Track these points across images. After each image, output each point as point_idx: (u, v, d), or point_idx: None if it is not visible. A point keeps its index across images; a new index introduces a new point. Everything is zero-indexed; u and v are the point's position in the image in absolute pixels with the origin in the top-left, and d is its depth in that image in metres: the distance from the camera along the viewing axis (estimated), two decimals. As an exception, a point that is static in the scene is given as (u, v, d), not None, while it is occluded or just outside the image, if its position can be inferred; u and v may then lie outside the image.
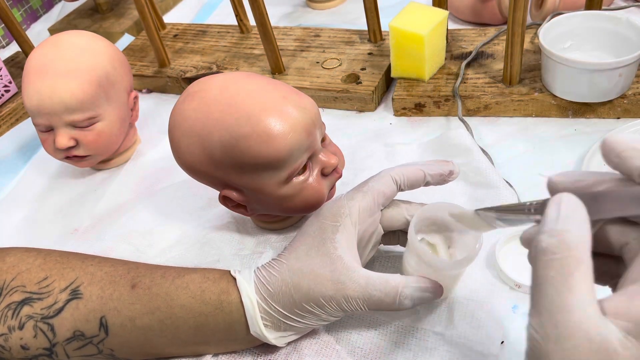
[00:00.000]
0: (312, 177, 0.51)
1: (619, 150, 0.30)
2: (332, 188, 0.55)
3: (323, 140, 0.53)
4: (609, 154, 0.30)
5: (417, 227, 0.44)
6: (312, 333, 0.48)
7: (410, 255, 0.44)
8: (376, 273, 0.43)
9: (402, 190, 0.47)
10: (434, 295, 0.43)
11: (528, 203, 0.33)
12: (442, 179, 0.47)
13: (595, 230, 0.31)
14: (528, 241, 0.31)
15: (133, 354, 0.47)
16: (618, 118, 0.63)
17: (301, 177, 0.51)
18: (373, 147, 0.67)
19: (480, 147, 0.61)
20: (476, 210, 0.39)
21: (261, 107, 0.47)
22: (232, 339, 0.46)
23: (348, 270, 0.43)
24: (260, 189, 0.50)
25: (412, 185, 0.47)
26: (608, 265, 0.32)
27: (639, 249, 0.29)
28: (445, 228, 0.45)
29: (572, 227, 0.27)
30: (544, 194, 0.59)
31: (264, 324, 0.44)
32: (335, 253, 0.44)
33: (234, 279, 0.46)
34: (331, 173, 0.53)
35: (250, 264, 0.56)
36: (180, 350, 0.47)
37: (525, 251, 0.30)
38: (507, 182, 0.57)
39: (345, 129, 0.72)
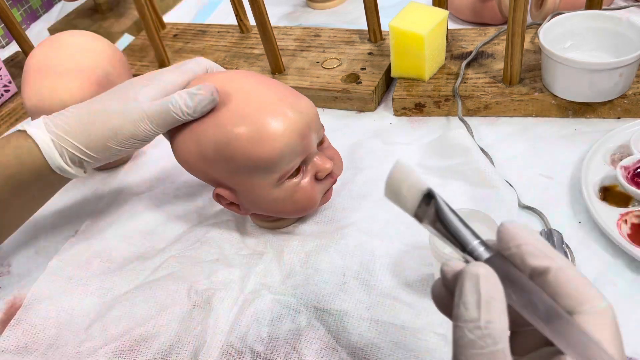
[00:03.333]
0: (304, 180, 0.51)
1: (517, 243, 0.28)
2: (328, 191, 0.54)
3: (321, 143, 0.53)
4: (507, 241, 0.28)
5: None
6: (312, 333, 0.48)
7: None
8: (160, 100, 0.49)
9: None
10: (209, 94, 0.48)
11: (477, 240, 0.29)
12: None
13: None
14: (452, 275, 0.29)
15: None
16: (618, 118, 0.63)
17: (294, 180, 0.50)
18: (373, 147, 0.67)
19: (480, 147, 0.61)
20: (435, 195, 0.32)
21: (256, 108, 0.47)
22: (46, 184, 0.52)
23: (136, 102, 0.49)
24: (252, 189, 0.50)
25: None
26: None
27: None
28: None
29: (495, 316, 0.26)
30: (544, 194, 0.59)
31: (64, 161, 0.49)
32: (134, 97, 0.49)
33: (24, 132, 0.50)
34: (325, 178, 0.52)
35: (250, 263, 0.56)
36: (11, 215, 0.53)
37: None
38: (507, 182, 0.57)
39: (345, 129, 0.72)
